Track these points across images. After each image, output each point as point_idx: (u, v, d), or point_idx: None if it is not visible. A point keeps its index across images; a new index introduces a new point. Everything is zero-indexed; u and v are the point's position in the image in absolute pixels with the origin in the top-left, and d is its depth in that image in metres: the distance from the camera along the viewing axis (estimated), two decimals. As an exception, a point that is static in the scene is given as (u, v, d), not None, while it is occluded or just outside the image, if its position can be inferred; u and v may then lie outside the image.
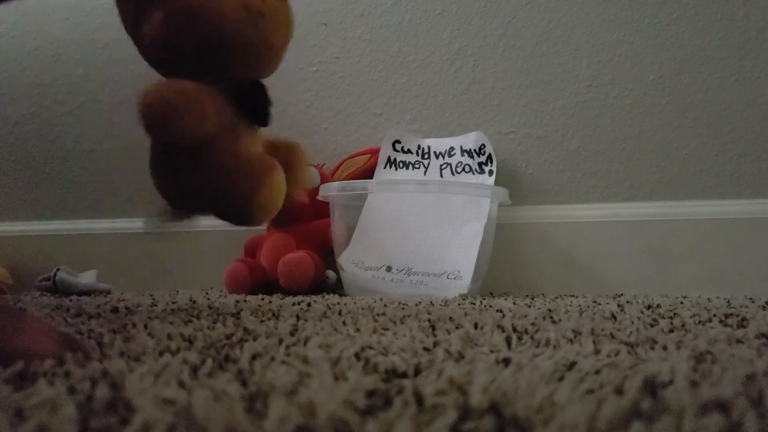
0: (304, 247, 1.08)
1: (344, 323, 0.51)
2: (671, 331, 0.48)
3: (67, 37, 1.35)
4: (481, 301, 0.79)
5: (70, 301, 0.87)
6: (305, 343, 0.40)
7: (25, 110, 1.36)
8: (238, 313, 0.63)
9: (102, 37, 1.33)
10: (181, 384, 0.28)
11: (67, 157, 1.34)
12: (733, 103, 1.09)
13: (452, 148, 1.14)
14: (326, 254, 1.08)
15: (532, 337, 0.43)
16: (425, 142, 1.17)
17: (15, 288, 1.21)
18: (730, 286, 1.04)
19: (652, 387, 0.27)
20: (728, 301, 0.79)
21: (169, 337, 0.44)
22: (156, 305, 0.74)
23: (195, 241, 1.26)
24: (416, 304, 0.74)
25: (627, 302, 0.76)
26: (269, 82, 0.66)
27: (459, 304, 0.74)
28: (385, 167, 1.17)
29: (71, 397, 0.25)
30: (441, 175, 1.14)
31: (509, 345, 0.41)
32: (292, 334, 0.45)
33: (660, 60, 1.12)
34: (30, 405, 0.24)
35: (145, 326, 0.49)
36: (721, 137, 1.09)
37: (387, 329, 0.47)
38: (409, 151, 1.17)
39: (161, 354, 0.36)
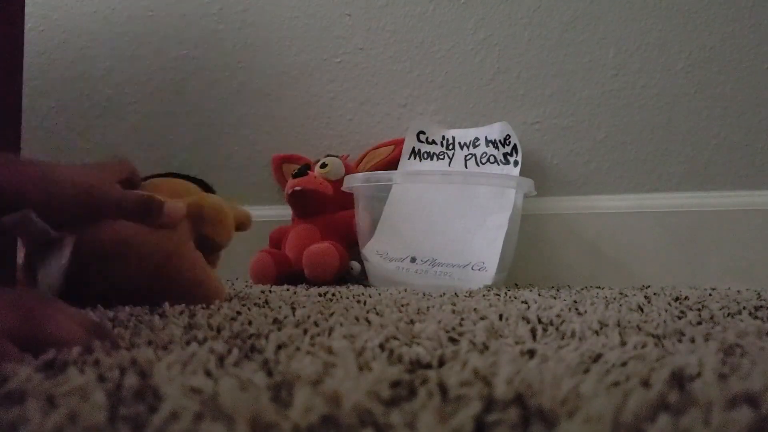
0: (329, 238, 1.08)
1: (369, 314, 0.51)
2: (699, 323, 0.47)
3: (95, 30, 1.37)
4: (506, 293, 0.79)
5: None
6: (330, 334, 0.41)
7: (53, 103, 1.38)
8: (264, 303, 0.63)
9: (129, 30, 1.34)
10: (208, 373, 0.28)
11: (95, 149, 1.36)
12: (764, 91, 1.07)
13: (477, 139, 1.14)
14: (351, 245, 1.09)
15: (557, 329, 0.43)
16: (450, 133, 1.17)
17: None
18: (760, 278, 1.02)
19: (679, 380, 0.26)
20: (758, 294, 0.77)
21: (196, 326, 0.44)
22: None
23: (221, 232, 1.27)
24: (441, 295, 0.74)
25: (654, 294, 0.76)
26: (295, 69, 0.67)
27: (484, 296, 0.73)
28: (409, 158, 1.16)
29: (101, 385, 0.26)
30: (465, 166, 1.13)
31: (534, 336, 0.40)
32: (317, 324, 0.45)
33: (689, 48, 1.10)
34: (61, 393, 0.24)
35: (173, 315, 0.50)
36: (752, 127, 1.07)
37: (411, 320, 0.47)
38: (433, 142, 1.17)
39: (188, 343, 0.37)
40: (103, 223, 0.56)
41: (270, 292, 0.83)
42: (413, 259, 0.98)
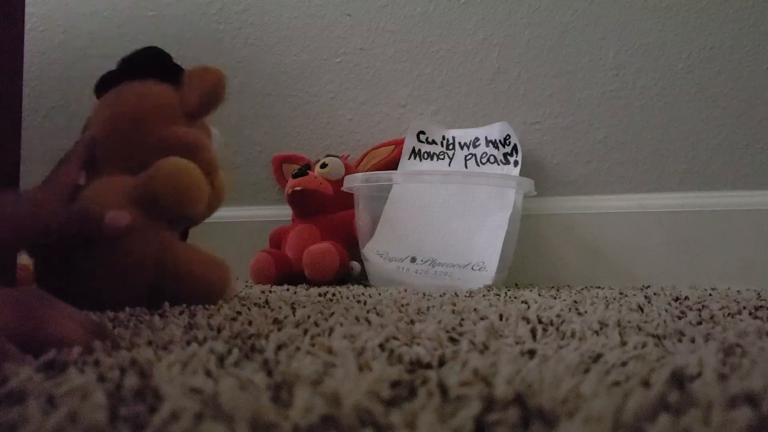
0: (329, 238, 1.08)
1: (369, 314, 0.51)
2: (699, 323, 0.47)
3: (95, 30, 1.37)
4: (506, 293, 0.79)
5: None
6: (330, 334, 0.41)
7: (53, 103, 1.38)
8: (264, 303, 0.63)
9: (129, 31, 1.34)
10: (208, 373, 0.28)
11: (96, 149, 1.36)
12: (764, 91, 1.07)
13: (477, 139, 1.14)
14: (351, 245, 1.09)
15: (557, 329, 0.43)
16: (450, 133, 1.17)
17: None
18: (761, 278, 1.02)
19: (679, 380, 0.26)
20: (758, 294, 0.77)
21: (196, 326, 0.44)
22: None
23: (220, 232, 1.27)
24: (441, 295, 0.74)
25: (654, 294, 0.76)
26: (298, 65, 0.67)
27: (484, 296, 0.73)
28: (409, 158, 1.16)
29: (101, 385, 0.26)
30: (466, 166, 1.13)
31: (534, 336, 0.40)
32: (317, 324, 0.45)
33: (689, 48, 1.10)
34: (61, 393, 0.24)
35: (173, 315, 0.50)
36: (752, 127, 1.07)
37: (411, 320, 0.47)
38: (433, 142, 1.17)
39: (188, 343, 0.37)
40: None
41: (270, 292, 0.83)
42: (413, 259, 0.98)
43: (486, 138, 1.13)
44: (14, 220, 0.50)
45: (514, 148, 1.10)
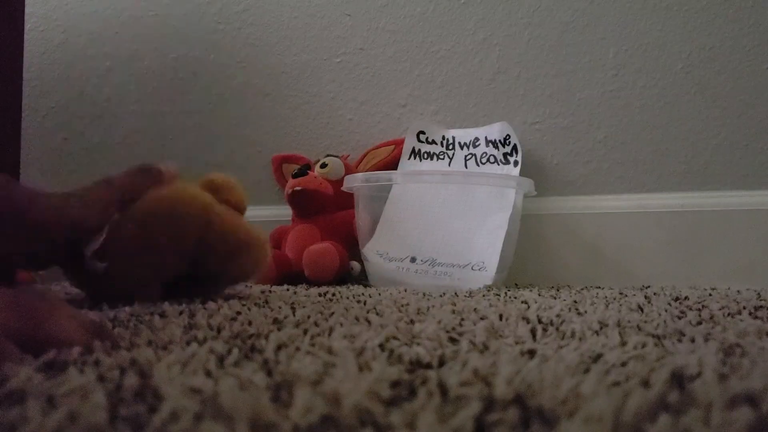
0: (329, 238, 1.08)
1: (369, 314, 0.51)
2: (699, 323, 0.47)
3: (95, 30, 1.37)
4: (506, 293, 0.79)
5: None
6: (330, 334, 0.40)
7: (53, 103, 1.38)
8: (264, 303, 0.63)
9: (129, 31, 1.34)
10: (208, 373, 0.28)
11: (95, 149, 1.36)
12: (764, 91, 1.07)
13: (477, 139, 1.14)
14: (351, 245, 1.09)
15: (557, 329, 0.43)
16: (450, 133, 1.17)
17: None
18: (761, 278, 1.02)
19: (679, 380, 0.26)
20: (758, 294, 0.77)
21: (196, 326, 0.44)
22: (183, 295, 0.74)
23: (221, 232, 1.27)
24: (440, 295, 0.73)
25: (654, 294, 0.76)
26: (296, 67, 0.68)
27: (484, 296, 0.73)
28: (409, 158, 1.16)
29: (101, 385, 0.26)
30: (466, 166, 1.13)
31: (534, 336, 0.40)
32: (316, 324, 0.45)
33: (689, 48, 1.10)
34: (61, 393, 0.24)
35: (173, 316, 0.50)
36: (752, 127, 1.07)
37: (411, 320, 0.47)
38: (433, 142, 1.17)
39: (188, 343, 0.37)
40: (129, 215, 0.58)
41: (270, 292, 0.82)
42: (413, 259, 0.98)
43: (486, 138, 1.13)
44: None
45: (514, 148, 1.10)
